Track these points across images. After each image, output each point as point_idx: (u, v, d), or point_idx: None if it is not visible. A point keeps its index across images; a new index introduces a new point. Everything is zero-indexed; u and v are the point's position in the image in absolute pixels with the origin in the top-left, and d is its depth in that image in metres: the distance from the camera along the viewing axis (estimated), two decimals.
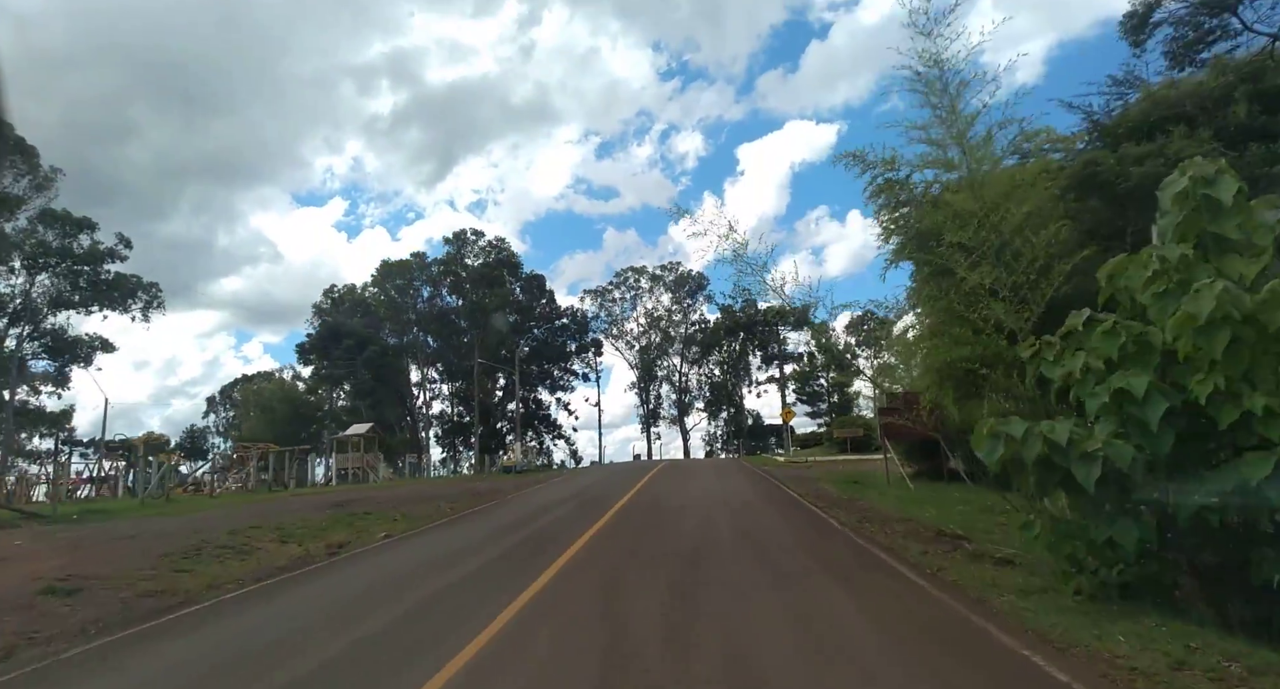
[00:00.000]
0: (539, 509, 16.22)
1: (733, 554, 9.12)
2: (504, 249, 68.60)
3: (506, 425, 78.40)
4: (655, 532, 11.93)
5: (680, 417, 78.68)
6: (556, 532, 12.12)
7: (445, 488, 25.01)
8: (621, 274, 77.48)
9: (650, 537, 11.32)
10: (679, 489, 19.63)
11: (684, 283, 77.72)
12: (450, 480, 37.11)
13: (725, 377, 78.95)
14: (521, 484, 25.65)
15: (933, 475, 19.51)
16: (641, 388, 77.26)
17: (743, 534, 11.05)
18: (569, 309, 77.61)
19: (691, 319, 78.75)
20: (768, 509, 14.58)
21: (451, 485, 27.75)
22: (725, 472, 27.15)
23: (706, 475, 25.45)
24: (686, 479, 23.66)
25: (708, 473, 27.07)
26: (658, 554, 9.30)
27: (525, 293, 75.99)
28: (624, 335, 78.96)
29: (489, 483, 27.63)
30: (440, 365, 72.98)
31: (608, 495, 18.23)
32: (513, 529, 12.93)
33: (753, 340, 74.98)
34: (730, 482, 21.51)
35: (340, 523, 14.42)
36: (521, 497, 19.87)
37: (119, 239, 48.00)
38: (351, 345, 52.57)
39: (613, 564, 8.70)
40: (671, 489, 19.77)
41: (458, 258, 67.04)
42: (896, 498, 15.26)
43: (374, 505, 17.83)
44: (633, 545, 10.44)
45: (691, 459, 59.25)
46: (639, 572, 8.10)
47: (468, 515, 15.83)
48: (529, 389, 78.82)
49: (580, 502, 17.28)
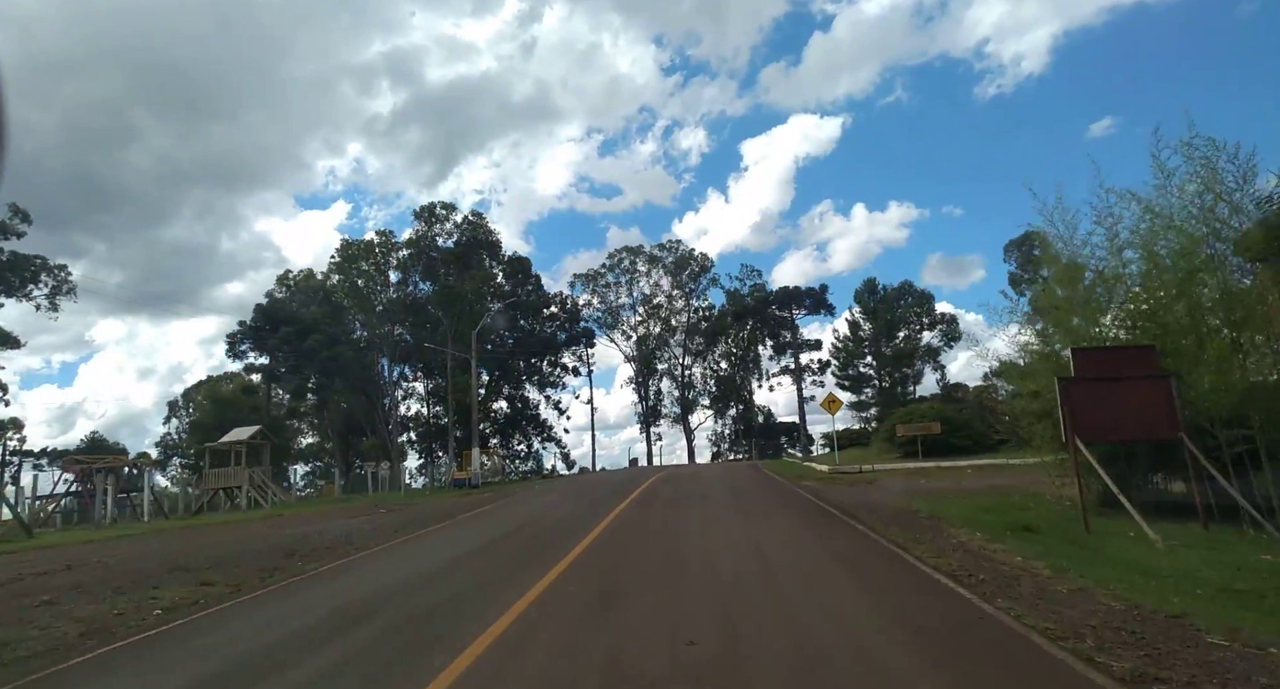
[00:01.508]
0: (288, 641, 6.72)
1: None
2: (480, 226, 59.15)
3: (490, 426, 69.13)
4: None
5: (683, 415, 69.14)
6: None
7: (269, 534, 15.15)
8: (615, 256, 67.96)
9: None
10: (675, 534, 10.25)
11: (685, 265, 68.25)
12: (339, 508, 27.58)
13: (733, 369, 69.40)
14: (430, 517, 16.12)
15: (1157, 508, 10.12)
16: (639, 383, 67.73)
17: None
18: (558, 296, 68.21)
19: (694, 306, 69.31)
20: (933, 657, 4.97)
21: (316, 518, 18.21)
22: (749, 490, 17.65)
23: (720, 496, 15.98)
24: (688, 506, 14.18)
25: (720, 490, 17.60)
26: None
27: (509, 278, 66.67)
28: (620, 325, 69.50)
29: (387, 516, 18.03)
30: (420, 362, 63.55)
31: (527, 559, 8.76)
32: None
33: (763, 328, 65.41)
34: (768, 517, 11.96)
35: None
36: (365, 564, 10.20)
37: (13, 211, 39.11)
38: (290, 334, 43.21)
39: None
40: (661, 533, 10.39)
41: (428, 236, 57.62)
42: (1186, 584, 5.89)
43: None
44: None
45: (697, 464, 49.46)
46: None
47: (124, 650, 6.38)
48: (515, 387, 69.52)
49: (456, 591, 7.78)
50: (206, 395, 62.06)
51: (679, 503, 14.80)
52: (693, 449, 68.40)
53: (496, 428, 69.08)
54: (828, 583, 6.41)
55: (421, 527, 13.84)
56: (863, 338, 27.49)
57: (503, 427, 68.58)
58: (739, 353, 68.30)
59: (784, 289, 62.76)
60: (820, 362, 63.53)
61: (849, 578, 6.65)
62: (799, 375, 62.82)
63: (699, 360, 70.46)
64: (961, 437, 21.68)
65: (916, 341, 25.00)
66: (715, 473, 26.47)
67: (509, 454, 71.06)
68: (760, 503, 14.16)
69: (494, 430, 69.46)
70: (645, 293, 69.08)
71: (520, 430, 69.98)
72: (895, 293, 43.52)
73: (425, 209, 57.03)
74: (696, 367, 70.53)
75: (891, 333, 27.08)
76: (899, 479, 17.76)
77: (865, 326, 26.86)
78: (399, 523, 14.42)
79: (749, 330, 65.86)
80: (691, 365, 70.27)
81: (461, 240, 58.89)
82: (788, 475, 21.18)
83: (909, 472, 19.43)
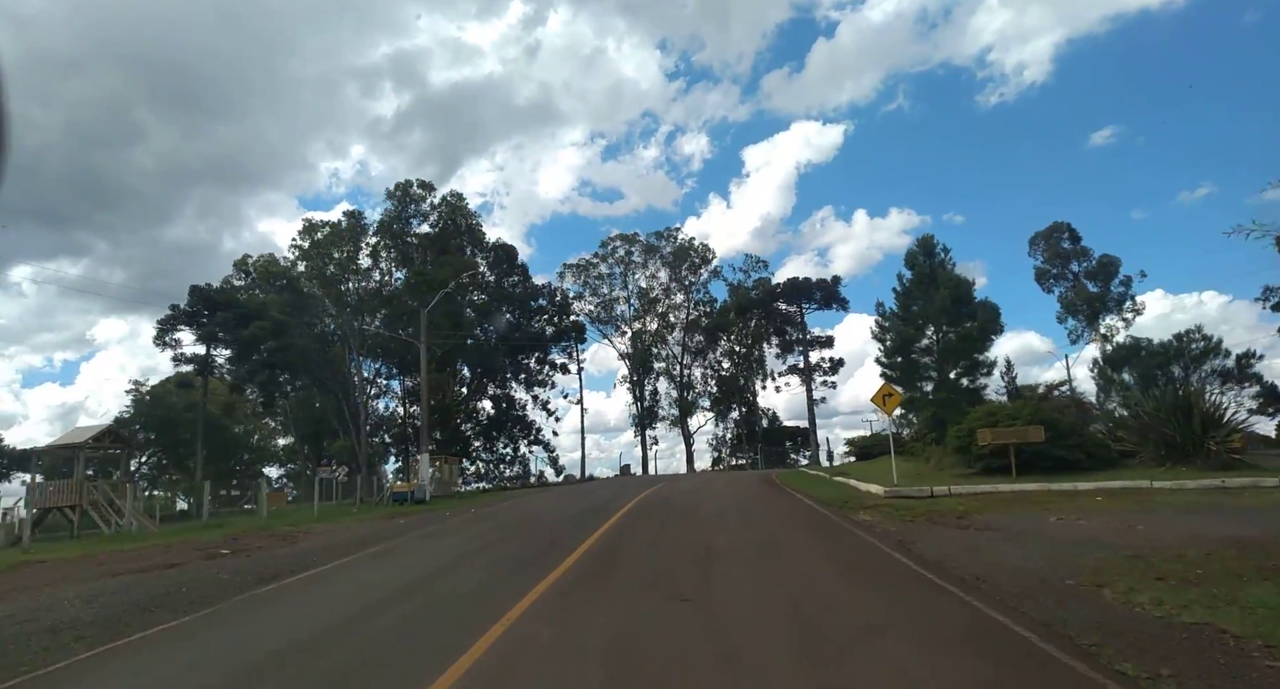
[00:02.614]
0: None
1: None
2: (460, 209, 52.77)
3: (473, 428, 62.69)
4: None
5: (682, 417, 62.65)
6: None
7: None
8: (609, 244, 61.50)
9: None
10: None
11: (684, 256, 61.87)
12: (155, 548, 21.19)
13: (735, 369, 62.95)
14: (207, 589, 9.47)
15: None
16: (634, 382, 61.22)
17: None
18: (546, 288, 61.79)
19: (695, 299, 62.92)
20: None
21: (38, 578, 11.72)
22: (781, 530, 11.17)
23: (737, 545, 9.52)
24: (680, 569, 7.76)
25: (734, 527, 11.23)
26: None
27: (493, 268, 60.35)
28: (613, 320, 63.05)
29: (240, 556, 11.53)
30: (395, 357, 57.09)
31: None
32: None
33: (769, 324, 59.01)
34: (871, 642, 5.44)
35: None
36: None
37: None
38: (228, 321, 36.85)
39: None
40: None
41: (401, 218, 51.26)
42: None
43: None
44: None
45: (696, 475, 42.91)
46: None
47: None
48: (500, 385, 63.10)
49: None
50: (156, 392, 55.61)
51: (665, 561, 8.37)
52: (691, 454, 61.96)
53: (479, 430, 62.71)
54: None
55: (259, 588, 7.36)
56: (916, 314, 21.10)
57: (485, 428, 62.16)
58: (742, 351, 61.87)
59: (792, 281, 56.41)
60: (831, 360, 57.14)
61: None
62: (808, 375, 56.39)
63: (699, 359, 64.10)
64: (1069, 447, 15.20)
65: (979, 328, 19.20)
66: (721, 489, 19.99)
67: (494, 458, 64.84)
68: (816, 569, 7.69)
69: (477, 432, 63.12)
70: (641, 286, 62.71)
71: (506, 433, 63.56)
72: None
73: (400, 187, 50.69)
74: (696, 366, 64.19)
75: (959, 308, 20.64)
76: (1005, 512, 11.31)
77: (915, 301, 20.81)
78: (115, 611, 7.76)
79: (754, 326, 59.47)
80: (691, 364, 63.91)
81: (439, 224, 52.48)
82: (826, 499, 14.71)
83: (1008, 498, 12.96)
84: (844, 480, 18.82)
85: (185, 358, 37.28)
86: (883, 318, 23.24)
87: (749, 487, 20.31)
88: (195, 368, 37.43)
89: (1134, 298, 57.41)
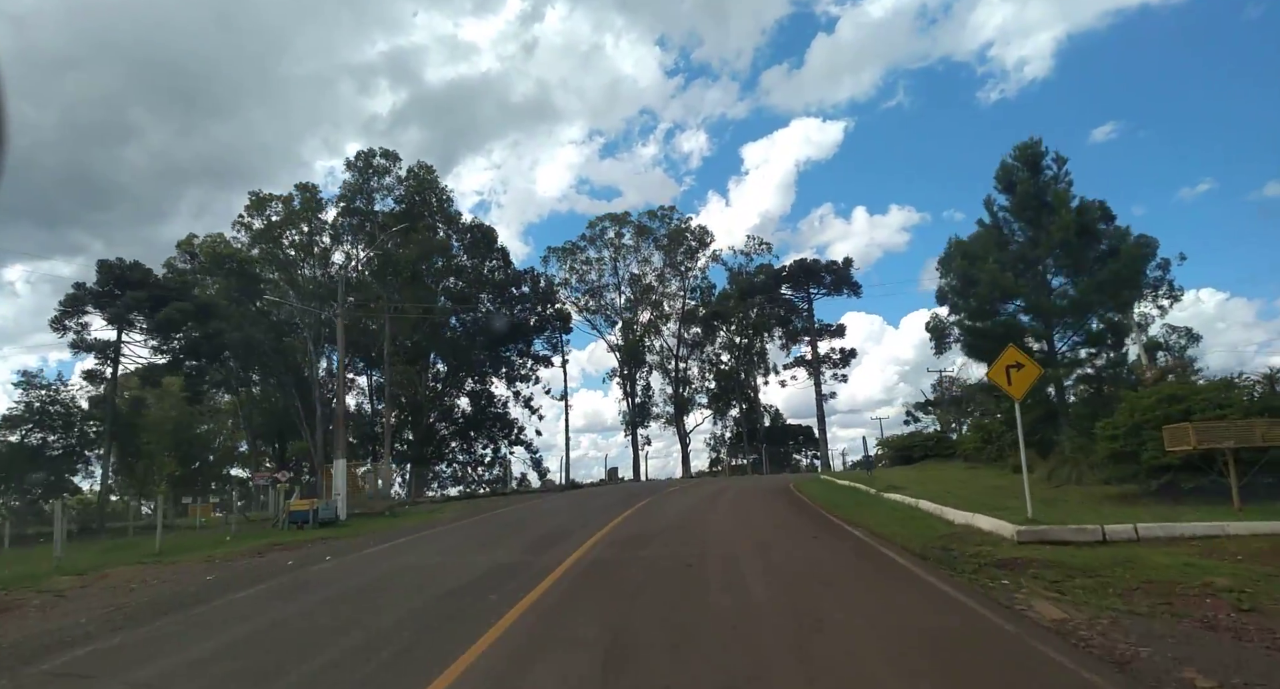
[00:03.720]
0: None
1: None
2: (430, 183, 46.44)
3: (449, 428, 56.36)
4: None
5: (677, 415, 56.39)
6: None
7: None
8: (597, 225, 55.20)
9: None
10: None
11: (680, 239, 55.60)
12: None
13: (735, 362, 56.74)
14: None
15: None
16: (625, 377, 54.94)
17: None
18: (529, 274, 55.53)
19: (691, 286, 56.67)
20: None
21: None
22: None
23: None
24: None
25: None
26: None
27: (470, 252, 54.10)
28: (603, 309, 56.79)
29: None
30: (360, 350, 50.72)
31: None
32: None
33: (773, 311, 52.82)
34: None
35: None
36: None
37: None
38: (141, 301, 30.55)
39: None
40: None
41: (363, 191, 44.93)
42: None
43: None
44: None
45: (694, 481, 36.71)
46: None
47: None
48: (479, 380, 56.81)
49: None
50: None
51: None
52: (687, 455, 55.72)
53: (456, 429, 56.40)
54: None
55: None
56: (1016, 255, 14.92)
57: (462, 428, 55.87)
58: (743, 342, 55.65)
59: (799, 263, 50.21)
60: (842, 351, 50.97)
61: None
62: (817, 368, 50.18)
63: (696, 353, 57.89)
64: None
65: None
66: (728, 514, 13.68)
67: (471, 460, 58.51)
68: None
69: (453, 432, 56.79)
70: (634, 272, 56.43)
71: (486, 432, 57.28)
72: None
73: (362, 156, 44.38)
74: (693, 360, 57.97)
75: (1087, 245, 14.44)
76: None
77: (1014, 236, 14.62)
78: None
79: (756, 314, 53.24)
80: (687, 358, 57.69)
81: (406, 199, 46.15)
82: (912, 544, 8.38)
83: (1267, 549, 6.83)
84: (907, 501, 12.60)
85: (88, 344, 30.83)
86: (951, 265, 16.88)
87: (768, 510, 13.98)
88: (100, 355, 30.91)
89: (1171, 283, 50.32)
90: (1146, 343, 40.56)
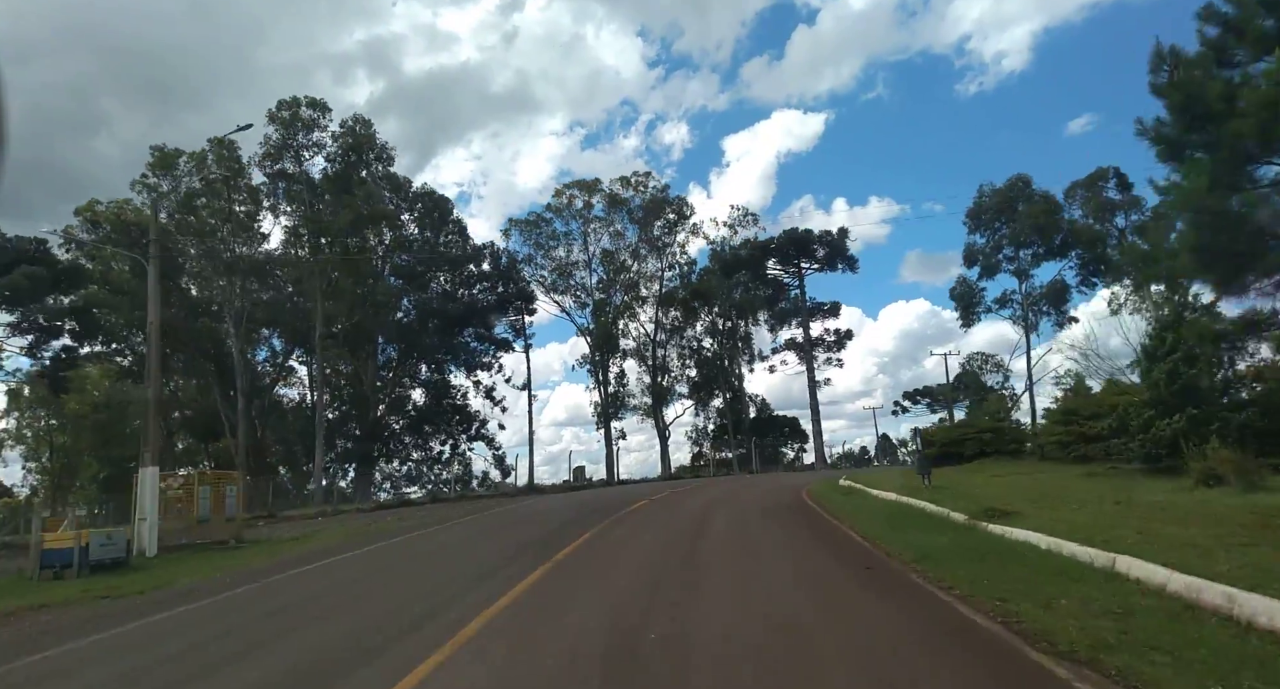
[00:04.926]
0: None
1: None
2: (368, 140, 39.46)
3: (400, 422, 49.44)
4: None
5: (655, 406, 50.00)
6: None
7: None
8: (563, 194, 48.45)
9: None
10: None
11: (657, 211, 49.03)
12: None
13: (719, 348, 50.50)
14: None
15: None
16: (596, 363, 48.41)
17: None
18: (489, 248, 48.82)
19: (670, 264, 50.19)
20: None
21: None
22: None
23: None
24: None
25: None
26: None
27: (421, 225, 47.25)
28: (571, 289, 50.15)
29: None
30: (290, 330, 43.84)
31: None
32: None
33: (760, 289, 46.62)
34: None
35: None
36: None
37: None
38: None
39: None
40: None
41: (289, 147, 37.86)
42: None
43: None
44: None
45: (676, 487, 30.34)
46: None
47: None
48: (433, 368, 50.01)
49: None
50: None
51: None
52: (667, 450, 49.44)
53: (409, 423, 49.53)
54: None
55: None
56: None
57: (415, 421, 49.02)
58: (727, 325, 49.39)
59: (789, 233, 43.95)
60: (837, 332, 44.92)
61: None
62: (809, 351, 44.07)
63: (675, 338, 51.49)
64: None
65: None
66: (742, 624, 7.29)
67: (426, 458, 51.73)
68: None
69: (405, 426, 49.90)
70: (606, 248, 49.82)
71: (443, 427, 50.44)
72: None
73: (285, 105, 37.21)
74: (672, 346, 51.57)
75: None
76: None
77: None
78: None
79: (740, 295, 47.00)
80: (666, 343, 51.29)
81: (341, 159, 39.14)
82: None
83: None
84: (1077, 553, 6.43)
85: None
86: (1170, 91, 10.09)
87: (808, 579, 7.47)
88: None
89: None
90: None
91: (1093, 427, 13.97)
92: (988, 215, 29.02)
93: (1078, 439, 14.42)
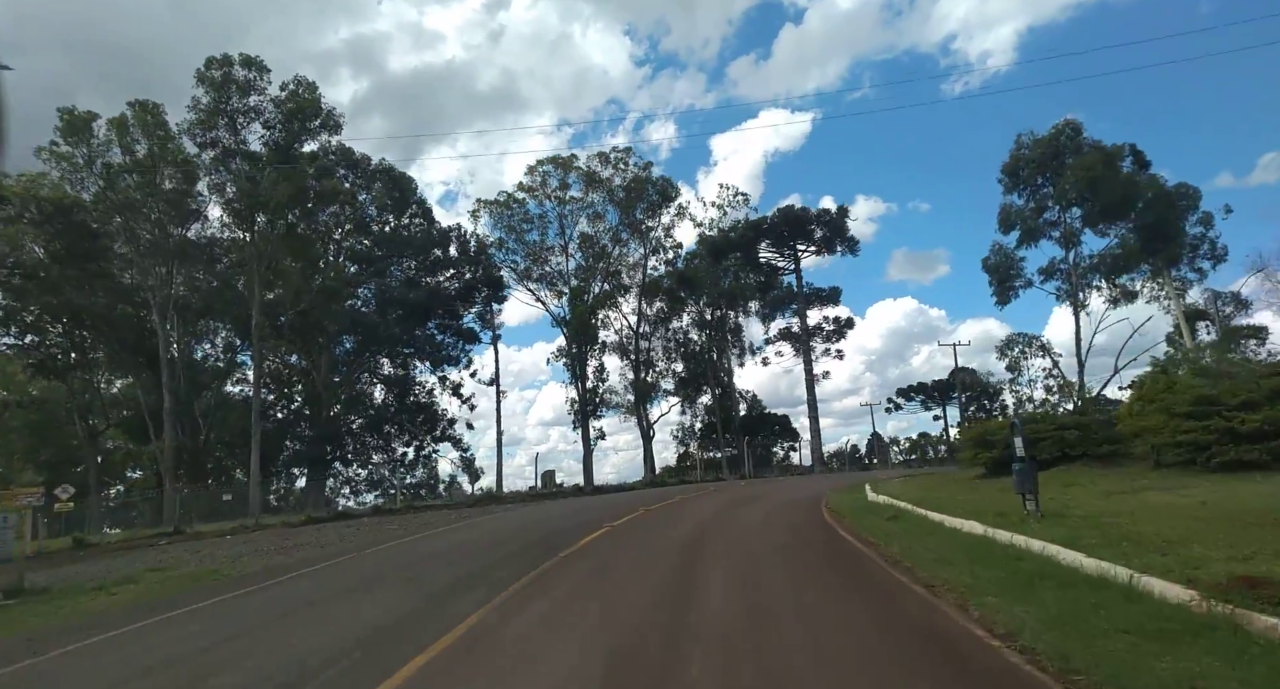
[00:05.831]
0: None
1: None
2: (311, 105, 34.53)
3: (358, 422, 44.45)
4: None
5: (638, 404, 45.46)
6: None
7: None
8: (535, 172, 43.76)
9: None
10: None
11: (639, 192, 44.46)
12: None
13: (708, 340, 46.05)
14: None
15: None
16: (573, 357, 43.78)
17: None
18: (456, 232, 44.12)
19: (653, 249, 45.63)
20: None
21: None
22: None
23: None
24: None
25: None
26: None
27: (381, 205, 42.43)
28: (546, 277, 45.49)
29: None
30: (227, 318, 38.95)
31: None
32: None
33: (752, 274, 42.20)
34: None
35: None
36: None
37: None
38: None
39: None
40: None
41: (223, 113, 32.84)
42: None
43: None
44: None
45: (657, 495, 26.23)
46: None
47: None
48: (397, 363, 45.13)
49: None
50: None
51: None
52: (651, 451, 44.94)
53: (368, 423, 44.58)
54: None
55: None
56: None
57: (374, 421, 44.10)
58: (716, 315, 44.93)
59: (785, 211, 39.60)
60: (837, 321, 40.61)
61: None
62: (806, 341, 39.70)
63: (660, 330, 46.95)
64: None
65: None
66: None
67: (389, 461, 46.80)
68: None
69: (365, 426, 44.93)
70: (585, 232, 45.20)
71: (408, 427, 45.52)
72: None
73: (216, 64, 32.29)
74: (657, 339, 47.05)
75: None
76: None
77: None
78: None
79: (730, 281, 42.55)
80: (650, 336, 46.76)
81: (281, 126, 34.19)
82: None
83: None
84: None
85: None
86: None
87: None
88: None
89: (1214, 241, 39.63)
90: None
91: (1247, 420, 9.73)
92: (1027, 171, 24.64)
93: (1223, 437, 10.10)
